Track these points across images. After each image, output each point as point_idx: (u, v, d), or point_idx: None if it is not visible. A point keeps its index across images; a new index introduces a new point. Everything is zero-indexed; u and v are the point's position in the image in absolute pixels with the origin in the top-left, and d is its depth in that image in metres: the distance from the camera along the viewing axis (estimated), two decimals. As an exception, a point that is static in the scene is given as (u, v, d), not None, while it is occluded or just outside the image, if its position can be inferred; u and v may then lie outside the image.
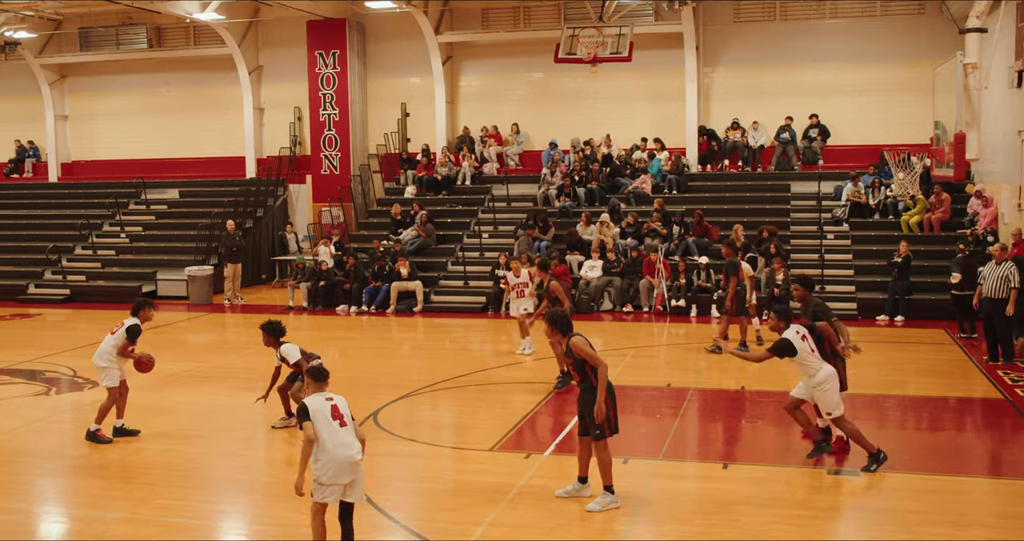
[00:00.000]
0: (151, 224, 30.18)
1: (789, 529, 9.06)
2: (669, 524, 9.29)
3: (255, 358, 17.89)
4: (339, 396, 8.14)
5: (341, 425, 7.92)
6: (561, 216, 25.88)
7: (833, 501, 9.88)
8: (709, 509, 9.58)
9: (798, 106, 27.15)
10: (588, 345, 9.50)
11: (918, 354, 17.55)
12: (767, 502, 9.78)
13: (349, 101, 30.17)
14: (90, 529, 9.40)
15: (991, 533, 8.96)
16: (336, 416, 7.94)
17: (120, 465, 11.32)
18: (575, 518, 9.37)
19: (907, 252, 20.79)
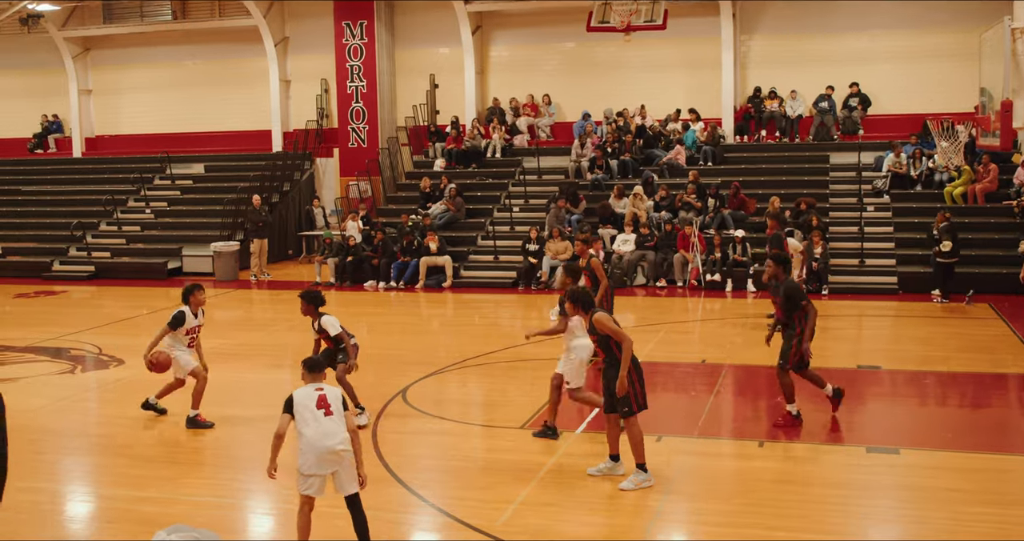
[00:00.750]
0: (176, 199, 30.36)
1: (825, 508, 9.02)
2: (703, 502, 9.27)
3: (282, 335, 18.01)
4: (332, 388, 8.07)
5: (326, 414, 7.84)
6: (593, 189, 25.78)
7: (871, 480, 9.81)
8: (744, 488, 9.55)
9: (837, 74, 26.84)
10: (611, 320, 9.49)
11: (960, 329, 17.38)
12: (803, 480, 9.74)
13: (377, 73, 30.13)
14: (116, 508, 9.50)
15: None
16: (322, 405, 7.88)
17: (146, 444, 11.44)
18: (607, 496, 9.38)
19: (946, 223, 20.47)
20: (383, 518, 9.00)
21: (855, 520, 8.84)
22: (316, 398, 7.90)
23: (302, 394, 7.95)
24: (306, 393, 7.95)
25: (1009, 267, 20.09)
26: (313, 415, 7.82)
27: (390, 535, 8.57)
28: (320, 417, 7.83)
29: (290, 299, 22.67)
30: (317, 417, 7.82)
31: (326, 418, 7.84)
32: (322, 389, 7.99)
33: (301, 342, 17.18)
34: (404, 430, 11.78)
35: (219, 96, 32.60)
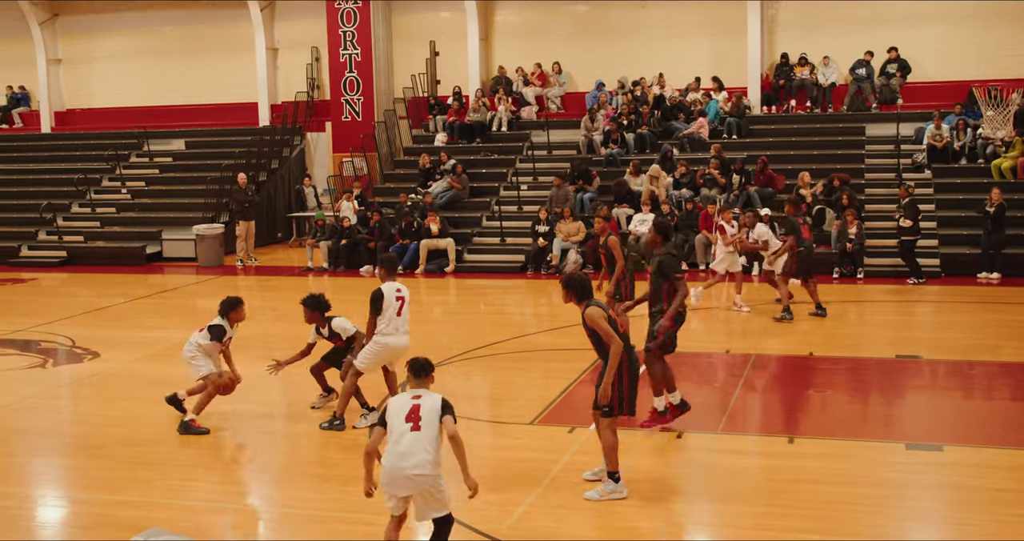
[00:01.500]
0: (155, 178, 30.38)
1: (861, 509, 9.00)
2: (728, 504, 9.27)
3: (271, 325, 18.03)
4: (433, 395, 7.64)
5: (413, 429, 7.45)
6: (608, 165, 25.75)
7: (910, 479, 9.80)
8: (773, 488, 9.54)
9: (874, 38, 26.73)
10: (604, 317, 9.18)
11: (1011, 315, 17.33)
12: (837, 480, 9.73)
13: (372, 40, 30.09)
14: (90, 513, 9.53)
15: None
16: (411, 418, 7.49)
17: (124, 443, 11.44)
18: (621, 499, 9.37)
19: (1000, 200, 20.46)
20: (383, 522, 9.01)
21: (892, 522, 8.83)
22: (408, 409, 7.53)
23: (396, 403, 7.63)
24: (400, 402, 7.61)
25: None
26: (399, 429, 7.47)
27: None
28: (404, 431, 7.46)
29: (279, 286, 22.82)
30: (402, 432, 7.45)
31: (411, 434, 7.44)
32: (419, 397, 7.62)
33: (291, 333, 17.20)
34: (403, 427, 11.77)
35: (201, 66, 32.56)
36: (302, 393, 12.80)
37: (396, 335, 11.37)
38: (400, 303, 11.36)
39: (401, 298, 11.36)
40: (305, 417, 12.28)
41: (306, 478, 10.20)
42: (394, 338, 11.37)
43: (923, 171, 24.04)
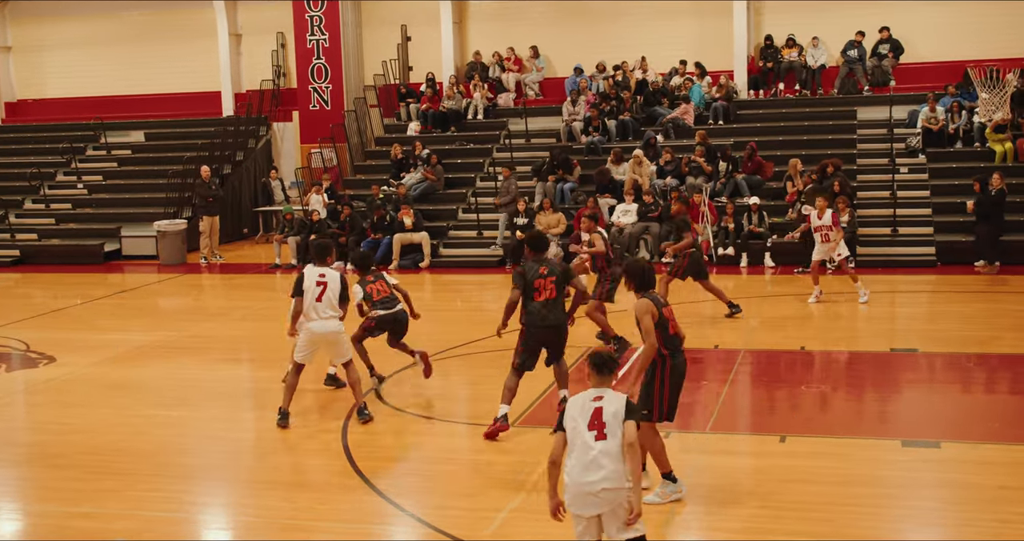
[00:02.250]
0: (113, 172, 30.24)
1: (856, 510, 9.03)
2: (718, 506, 9.28)
3: (237, 325, 17.99)
4: (617, 397, 7.04)
5: (597, 438, 6.86)
6: (589, 153, 25.76)
7: (907, 477, 9.84)
8: (765, 488, 9.56)
9: (865, 18, 26.81)
10: (649, 312, 9.06)
11: (1010, 305, 17.43)
12: (831, 479, 9.76)
13: (341, 24, 29.99)
14: (47, 525, 9.47)
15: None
16: (594, 425, 6.90)
17: (81, 452, 11.37)
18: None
19: (1001, 185, 20.50)
20: (356, 531, 9.01)
21: (889, 523, 8.87)
22: (591, 413, 6.95)
23: (575, 405, 7.05)
24: (580, 404, 7.04)
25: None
26: (581, 438, 6.90)
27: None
28: (588, 441, 6.88)
29: (245, 284, 22.75)
30: (584, 440, 6.89)
31: (596, 443, 6.87)
32: (601, 398, 7.01)
33: (258, 333, 17.20)
34: (379, 430, 11.76)
35: (160, 53, 32.38)
36: (271, 398, 12.75)
37: (317, 320, 11.57)
38: (321, 288, 11.55)
39: (323, 283, 11.56)
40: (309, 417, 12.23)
41: (275, 486, 10.16)
42: (315, 323, 11.59)
43: (917, 156, 24.12)
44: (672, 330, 9.23)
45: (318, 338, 11.66)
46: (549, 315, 11.20)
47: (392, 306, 12.95)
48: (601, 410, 6.93)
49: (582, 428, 6.90)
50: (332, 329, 11.63)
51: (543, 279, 11.20)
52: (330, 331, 11.62)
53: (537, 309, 11.16)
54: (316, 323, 11.60)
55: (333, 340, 11.68)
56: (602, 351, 7.51)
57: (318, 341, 11.69)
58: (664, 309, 9.19)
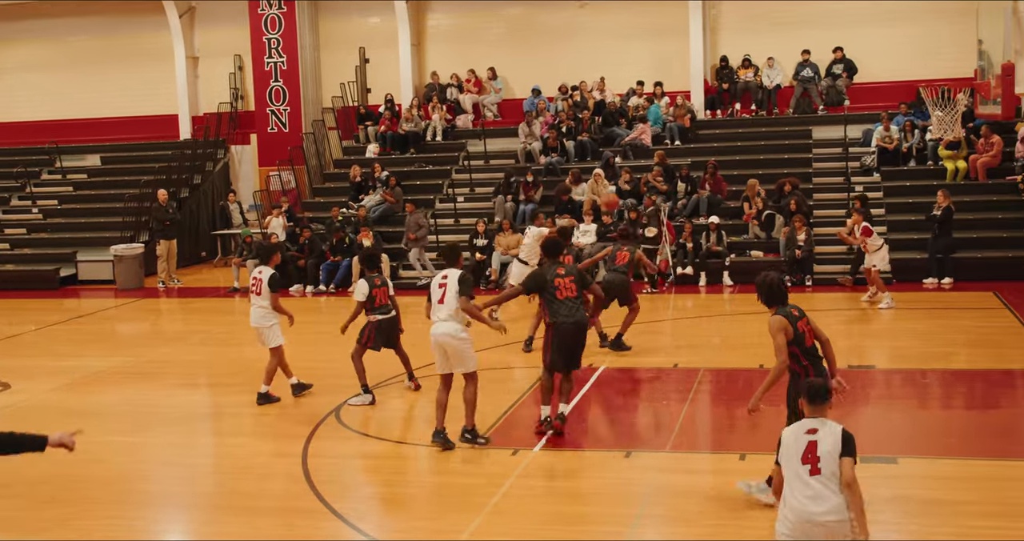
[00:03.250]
0: (68, 196, 30.04)
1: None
2: (678, 525, 9.32)
3: (195, 349, 17.87)
4: (832, 428, 6.92)
5: (811, 473, 6.80)
6: (548, 174, 25.82)
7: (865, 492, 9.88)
8: (724, 506, 9.60)
9: (820, 39, 27.09)
10: (781, 330, 9.06)
11: (964, 321, 17.62)
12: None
13: (298, 47, 29.99)
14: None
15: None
16: (808, 459, 6.84)
17: (31, 482, 11.20)
18: (570, 522, 9.39)
19: (947, 203, 20.77)
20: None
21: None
22: (804, 447, 6.88)
23: (790, 436, 7.01)
24: (794, 436, 6.98)
25: (1014, 250, 20.41)
26: (795, 471, 6.87)
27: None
28: (803, 475, 6.83)
29: (204, 308, 22.61)
30: (799, 474, 6.84)
31: (811, 478, 6.80)
32: (815, 432, 6.91)
33: (216, 357, 17.09)
34: (339, 454, 11.72)
35: (116, 76, 32.21)
36: (229, 423, 12.68)
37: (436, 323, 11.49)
38: (443, 291, 11.49)
39: (444, 285, 11.51)
40: (238, 447, 12.16)
41: (235, 511, 10.09)
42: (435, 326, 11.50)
43: (872, 174, 24.37)
44: (809, 342, 9.19)
45: (438, 341, 11.42)
46: (576, 312, 11.55)
47: (388, 312, 13.77)
48: (816, 444, 6.85)
49: (795, 462, 6.87)
50: (449, 331, 11.39)
51: (562, 279, 11.58)
52: (446, 333, 11.38)
53: (562, 306, 11.51)
54: (435, 326, 11.47)
55: (447, 343, 11.36)
56: (816, 380, 7.53)
57: (440, 345, 11.43)
58: (799, 323, 9.16)
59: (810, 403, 7.00)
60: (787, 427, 7.19)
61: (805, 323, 9.20)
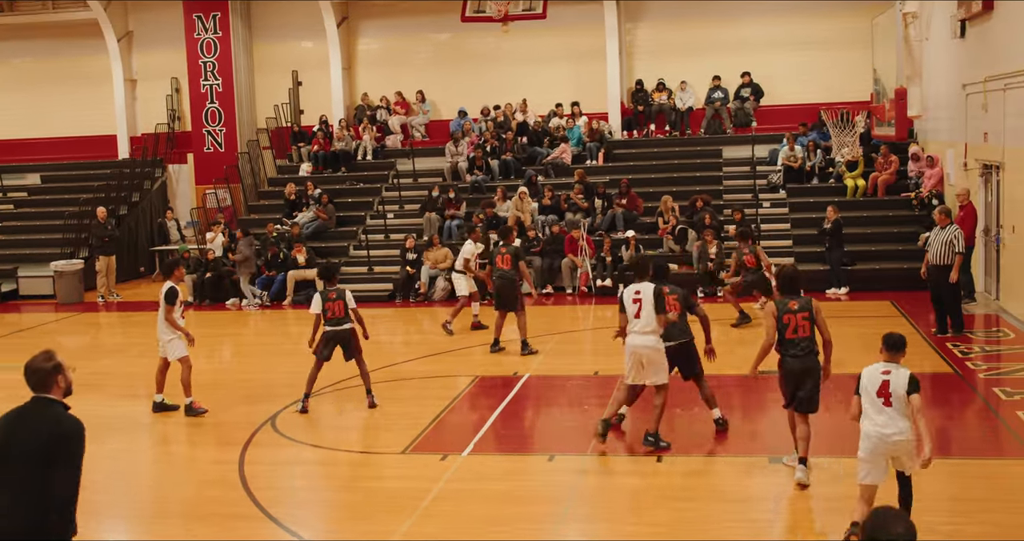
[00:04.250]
0: (9, 214, 29.54)
1: (731, 524, 9.23)
2: (602, 523, 9.41)
3: (135, 361, 17.64)
4: (901, 371, 8.28)
5: (884, 405, 8.27)
6: (473, 191, 25.90)
7: (776, 491, 10.08)
8: (644, 505, 9.72)
9: (729, 63, 27.48)
10: (770, 315, 10.33)
11: (862, 329, 17.89)
12: (707, 495, 9.96)
13: (233, 70, 29.80)
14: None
15: (942, 517, 9.24)
16: (882, 393, 8.30)
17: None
18: (494, 523, 9.44)
19: (836, 217, 21.12)
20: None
21: (757, 534, 9.07)
22: (879, 384, 8.30)
23: (868, 375, 8.41)
24: (870, 374, 8.40)
25: (909, 262, 20.82)
26: (873, 401, 8.32)
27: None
28: (879, 405, 8.29)
29: (143, 321, 22.29)
30: (876, 403, 8.30)
31: (885, 408, 8.27)
32: (888, 373, 8.32)
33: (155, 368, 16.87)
34: (275, 461, 11.67)
35: (56, 98, 31.77)
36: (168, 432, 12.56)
37: (635, 335, 11.33)
38: (637, 306, 11.35)
39: (638, 300, 11.38)
40: (177, 455, 12.05)
41: (174, 517, 10.01)
42: (633, 338, 11.36)
43: (779, 191, 24.76)
44: (788, 335, 10.21)
45: (637, 353, 11.32)
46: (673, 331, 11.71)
47: (340, 324, 13.50)
48: (888, 383, 8.28)
49: (872, 395, 8.32)
50: (649, 343, 11.31)
51: (670, 296, 11.76)
52: (646, 345, 11.28)
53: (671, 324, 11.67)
54: (632, 337, 11.34)
55: (647, 354, 11.27)
56: (894, 333, 8.55)
57: (639, 356, 11.32)
58: (785, 315, 10.23)
59: (888, 350, 8.37)
60: (866, 368, 8.48)
61: (789, 317, 10.24)
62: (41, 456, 5.97)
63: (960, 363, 14.87)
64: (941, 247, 16.30)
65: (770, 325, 10.22)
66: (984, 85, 18.57)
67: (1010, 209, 17.96)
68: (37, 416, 6.15)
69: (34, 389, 6.23)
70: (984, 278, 19.71)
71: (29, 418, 6.15)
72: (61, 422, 6.13)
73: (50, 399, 6.21)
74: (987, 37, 18.75)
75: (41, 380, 6.21)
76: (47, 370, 6.21)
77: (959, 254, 16.24)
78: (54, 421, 6.12)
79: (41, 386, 6.21)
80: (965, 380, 14.05)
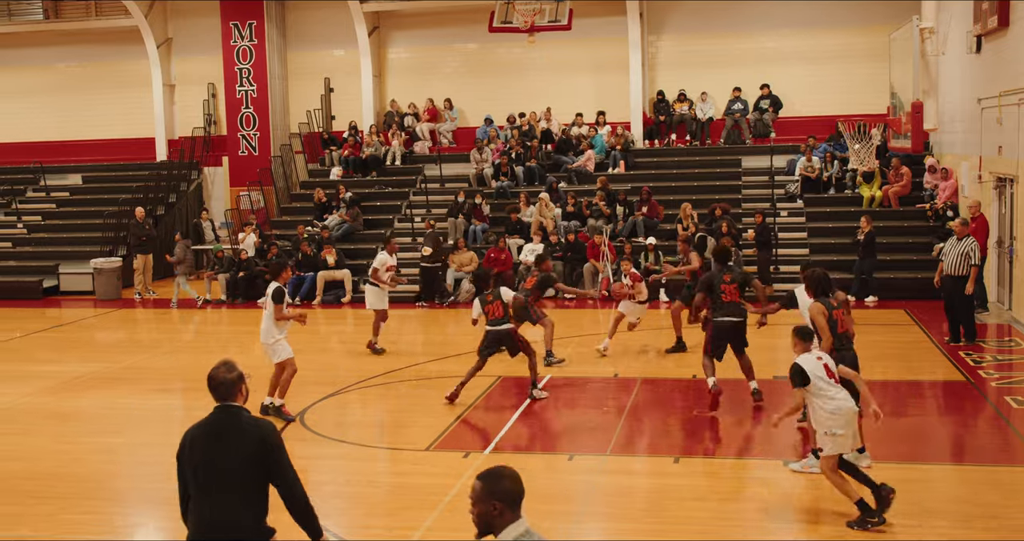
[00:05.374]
0: (51, 213, 29.68)
1: (744, 525, 9.16)
2: (617, 522, 9.35)
3: (169, 357, 17.72)
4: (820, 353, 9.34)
5: (835, 383, 9.12)
6: (498, 197, 25.88)
7: (789, 493, 10.00)
8: (660, 506, 9.65)
9: (748, 76, 27.40)
10: (822, 315, 10.43)
11: (876, 337, 17.77)
12: (722, 497, 9.88)
13: (268, 76, 29.88)
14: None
15: (951, 520, 9.14)
16: (830, 375, 9.12)
17: (19, 477, 11.10)
18: (517, 520, 9.38)
19: (869, 228, 20.99)
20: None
21: (773, 535, 8.99)
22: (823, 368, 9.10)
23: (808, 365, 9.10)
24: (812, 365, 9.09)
25: (924, 271, 20.68)
26: (827, 383, 9.04)
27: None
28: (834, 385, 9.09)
29: (177, 317, 22.38)
30: (832, 384, 9.07)
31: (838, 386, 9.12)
32: (821, 359, 9.19)
33: (188, 363, 16.93)
34: (303, 455, 11.62)
35: (97, 102, 31.96)
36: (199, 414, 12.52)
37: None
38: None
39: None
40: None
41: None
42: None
43: (796, 201, 24.64)
44: (841, 329, 10.52)
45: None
46: (734, 311, 13.01)
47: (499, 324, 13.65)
48: (827, 364, 9.16)
49: (825, 377, 9.05)
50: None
51: (727, 285, 12.98)
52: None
53: (722, 307, 12.95)
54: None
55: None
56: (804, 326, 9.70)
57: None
58: (835, 312, 10.56)
59: (805, 341, 9.28)
60: (800, 360, 9.13)
61: (840, 314, 10.63)
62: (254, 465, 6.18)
63: (972, 372, 14.74)
64: (957, 258, 16.15)
65: (823, 326, 10.41)
66: (999, 99, 18.44)
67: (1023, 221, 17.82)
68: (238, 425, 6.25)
69: (221, 399, 6.30)
70: (997, 288, 19.55)
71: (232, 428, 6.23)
72: (261, 427, 6.32)
73: (238, 407, 6.31)
74: (1003, 52, 18.61)
75: (228, 390, 6.29)
76: (232, 380, 6.30)
77: (975, 266, 16.10)
78: (255, 427, 6.30)
79: (228, 396, 6.30)
80: (977, 388, 13.91)
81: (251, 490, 6.18)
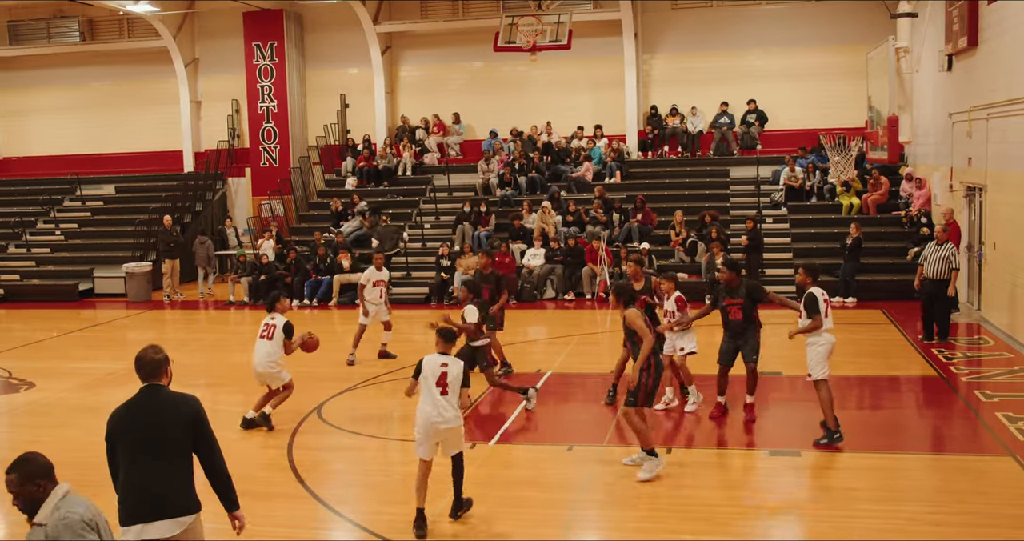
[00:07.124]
0: (87, 221, 29.74)
1: (731, 510, 9.16)
2: (614, 509, 9.35)
3: (195, 355, 17.74)
4: (456, 361, 8.84)
5: (442, 394, 8.67)
6: (502, 205, 25.90)
7: (773, 481, 10.01)
8: (655, 493, 9.65)
9: (736, 91, 27.41)
10: (641, 318, 9.91)
11: (855, 335, 17.80)
12: (711, 485, 9.89)
13: (288, 93, 29.93)
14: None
15: (926, 507, 9.16)
16: (440, 383, 8.67)
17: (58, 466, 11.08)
18: (521, 506, 9.41)
19: (858, 234, 20.99)
20: (300, 536, 8.92)
21: (758, 521, 9.00)
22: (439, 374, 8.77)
23: (428, 365, 8.86)
24: (432, 366, 8.83)
25: (900, 274, 20.68)
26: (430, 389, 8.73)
27: (307, 551, 8.48)
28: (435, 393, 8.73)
29: (202, 318, 22.43)
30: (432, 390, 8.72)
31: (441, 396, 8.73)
32: (446, 365, 8.80)
33: (213, 361, 16.98)
34: (320, 446, 11.68)
35: (129, 117, 32.07)
36: (224, 419, 12.56)
37: None
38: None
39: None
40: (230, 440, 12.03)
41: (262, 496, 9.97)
42: None
43: (780, 208, 24.65)
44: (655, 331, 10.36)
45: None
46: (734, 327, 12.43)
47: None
48: (446, 374, 8.64)
49: (432, 383, 8.62)
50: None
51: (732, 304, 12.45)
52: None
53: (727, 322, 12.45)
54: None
55: None
56: (448, 327, 9.19)
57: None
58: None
59: (444, 342, 8.96)
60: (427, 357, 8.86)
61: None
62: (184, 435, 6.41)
63: (944, 367, 14.75)
64: (939, 263, 16.18)
65: (644, 327, 9.94)
66: (969, 114, 18.45)
67: (992, 227, 17.81)
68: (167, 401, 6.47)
69: (147, 378, 6.51)
70: (967, 290, 19.54)
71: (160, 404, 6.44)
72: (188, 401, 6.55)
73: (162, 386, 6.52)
74: (972, 71, 18.62)
75: (155, 369, 6.53)
76: (159, 361, 6.54)
77: (955, 270, 16.14)
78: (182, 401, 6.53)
79: (154, 375, 6.53)
80: (949, 383, 13.92)
81: (180, 456, 6.41)
